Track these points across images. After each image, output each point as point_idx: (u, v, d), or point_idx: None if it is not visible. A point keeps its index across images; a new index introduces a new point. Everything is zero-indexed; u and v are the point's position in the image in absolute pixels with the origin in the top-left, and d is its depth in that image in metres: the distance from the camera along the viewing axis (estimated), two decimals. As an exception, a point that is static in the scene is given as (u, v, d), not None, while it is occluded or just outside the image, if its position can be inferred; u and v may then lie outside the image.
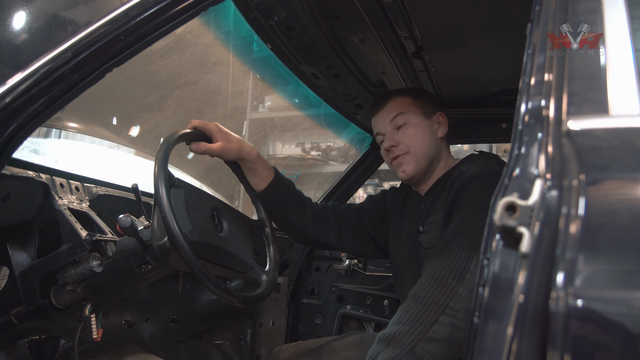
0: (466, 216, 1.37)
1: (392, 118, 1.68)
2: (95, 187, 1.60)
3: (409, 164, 1.65)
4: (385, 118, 1.71)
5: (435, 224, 1.55)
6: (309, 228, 1.72)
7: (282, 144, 5.18)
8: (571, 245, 0.60)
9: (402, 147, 1.66)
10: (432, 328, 1.23)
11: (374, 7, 1.54)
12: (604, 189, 0.65)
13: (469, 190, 1.42)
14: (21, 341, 1.52)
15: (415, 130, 1.66)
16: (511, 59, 1.88)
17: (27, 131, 1.04)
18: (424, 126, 1.68)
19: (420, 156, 1.65)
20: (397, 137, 1.67)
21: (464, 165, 1.54)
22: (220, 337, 2.39)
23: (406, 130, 1.66)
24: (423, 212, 1.67)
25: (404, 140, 1.66)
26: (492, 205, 0.74)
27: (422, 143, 1.65)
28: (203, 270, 1.18)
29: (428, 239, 1.57)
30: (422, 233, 1.61)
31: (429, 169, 1.68)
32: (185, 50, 2.50)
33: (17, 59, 1.17)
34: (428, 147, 1.66)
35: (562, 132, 0.69)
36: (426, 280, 1.32)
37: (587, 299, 0.57)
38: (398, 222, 1.80)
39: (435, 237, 1.54)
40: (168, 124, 2.98)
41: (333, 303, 2.52)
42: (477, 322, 0.71)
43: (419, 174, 1.67)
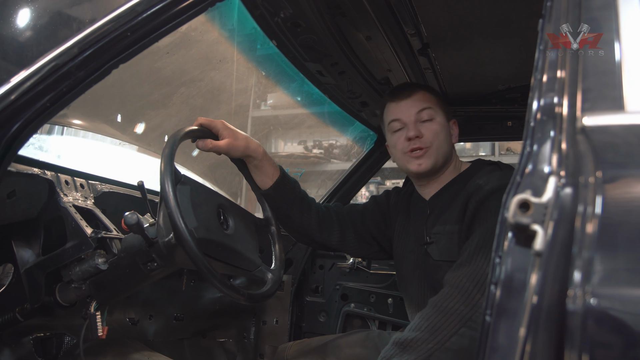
0: (489, 229, 1.37)
1: (419, 110, 1.65)
2: (100, 185, 1.60)
3: (429, 158, 1.63)
4: (412, 107, 1.66)
5: (447, 236, 1.54)
6: (312, 229, 1.72)
7: (286, 142, 5.18)
8: (588, 243, 0.59)
9: (425, 140, 1.63)
10: (451, 339, 1.23)
11: (380, 3, 1.53)
12: (621, 186, 0.64)
13: (489, 203, 1.42)
14: (26, 338, 1.53)
15: (439, 128, 1.65)
16: (518, 56, 1.88)
17: (33, 128, 1.03)
18: (445, 127, 1.67)
19: (440, 154, 1.63)
20: (422, 129, 1.64)
21: (481, 179, 1.52)
22: (224, 334, 2.39)
23: (431, 125, 1.64)
24: (429, 218, 1.66)
25: (428, 134, 1.63)
26: (504, 202, 0.73)
27: (444, 142, 1.65)
28: (208, 267, 1.17)
29: (437, 251, 1.57)
30: (430, 244, 1.60)
31: (441, 168, 1.66)
32: (191, 47, 2.49)
33: (22, 56, 1.17)
34: (447, 148, 1.66)
35: (576, 129, 0.68)
36: (449, 290, 1.32)
37: (605, 297, 0.57)
38: (403, 224, 1.79)
39: (446, 250, 1.53)
40: (173, 121, 2.98)
41: (337, 301, 2.52)
42: (489, 320, 0.70)
43: (433, 171, 1.65)
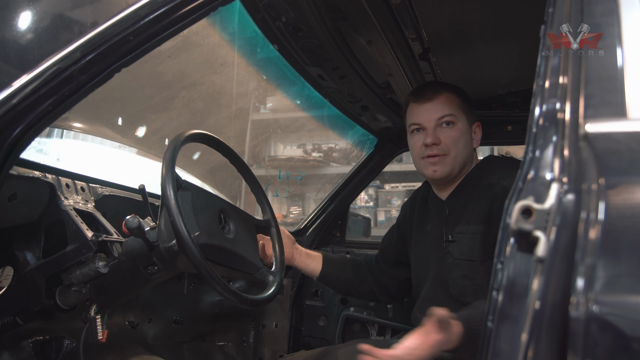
0: None
1: (441, 115, 1.61)
2: (100, 188, 1.59)
3: (445, 165, 1.61)
4: (434, 112, 1.62)
5: (470, 235, 1.54)
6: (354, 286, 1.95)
7: (286, 146, 5.18)
8: (591, 249, 0.60)
9: (443, 147, 1.60)
10: None
11: (381, 8, 1.54)
12: (625, 193, 0.64)
13: None
14: (25, 342, 1.52)
15: (459, 135, 1.61)
16: (518, 61, 1.88)
17: (35, 131, 1.03)
18: (466, 132, 1.63)
19: (457, 162, 1.61)
20: (441, 136, 1.60)
21: (505, 180, 1.50)
22: (224, 338, 2.38)
23: (451, 132, 1.60)
24: (449, 218, 1.65)
25: (447, 141, 1.60)
26: (506, 208, 0.73)
27: (463, 150, 1.61)
28: (212, 273, 1.17)
29: (460, 249, 1.56)
30: (452, 242, 1.59)
31: (456, 175, 1.65)
32: (193, 50, 2.50)
33: (23, 59, 1.17)
34: (465, 155, 1.63)
35: (579, 136, 0.69)
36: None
37: (608, 304, 0.57)
38: (419, 230, 1.80)
39: (468, 249, 1.53)
40: (174, 124, 2.98)
41: (337, 305, 2.51)
42: (491, 326, 0.71)
43: (450, 177, 1.64)
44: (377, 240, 3.24)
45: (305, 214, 4.60)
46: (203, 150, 2.88)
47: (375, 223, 4.71)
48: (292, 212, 4.93)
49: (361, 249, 2.59)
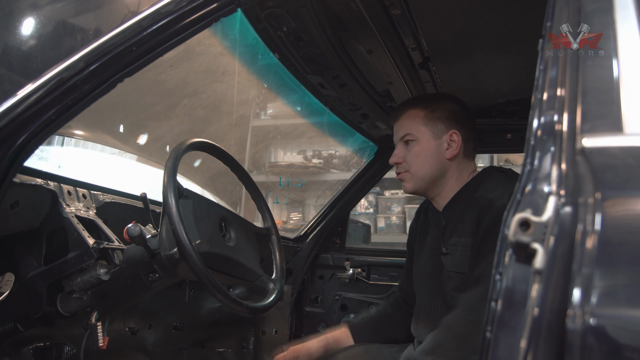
0: None
1: (402, 135, 1.69)
2: (102, 195, 1.60)
3: (408, 182, 1.69)
4: (397, 133, 1.72)
5: (461, 248, 1.55)
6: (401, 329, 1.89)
7: (287, 152, 5.19)
8: (588, 262, 0.60)
9: (404, 165, 1.68)
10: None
11: (382, 18, 1.55)
12: (621, 207, 0.65)
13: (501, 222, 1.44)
14: (26, 348, 1.52)
15: (419, 150, 1.65)
16: (517, 70, 1.90)
17: (38, 140, 1.04)
18: (429, 147, 1.64)
19: (419, 177, 1.66)
20: (403, 153, 1.68)
21: (492, 192, 1.52)
22: (223, 344, 2.39)
23: (412, 148, 1.66)
24: (445, 229, 1.66)
25: (407, 158, 1.67)
26: (505, 220, 0.74)
27: (423, 164, 1.65)
28: (213, 282, 1.18)
29: (452, 262, 1.57)
30: (446, 254, 1.60)
31: (430, 188, 1.68)
32: (194, 60, 2.51)
33: (26, 67, 1.18)
34: (429, 169, 1.65)
35: (576, 150, 0.69)
36: (462, 313, 1.36)
37: (604, 317, 0.57)
38: (421, 242, 1.83)
39: (459, 261, 1.54)
40: (176, 132, 3.00)
41: (336, 312, 2.52)
42: (490, 336, 0.71)
43: (419, 191, 1.70)
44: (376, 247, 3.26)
45: (306, 220, 4.60)
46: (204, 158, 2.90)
47: (375, 230, 4.71)
48: (292, 218, 4.93)
49: (361, 256, 2.60)
